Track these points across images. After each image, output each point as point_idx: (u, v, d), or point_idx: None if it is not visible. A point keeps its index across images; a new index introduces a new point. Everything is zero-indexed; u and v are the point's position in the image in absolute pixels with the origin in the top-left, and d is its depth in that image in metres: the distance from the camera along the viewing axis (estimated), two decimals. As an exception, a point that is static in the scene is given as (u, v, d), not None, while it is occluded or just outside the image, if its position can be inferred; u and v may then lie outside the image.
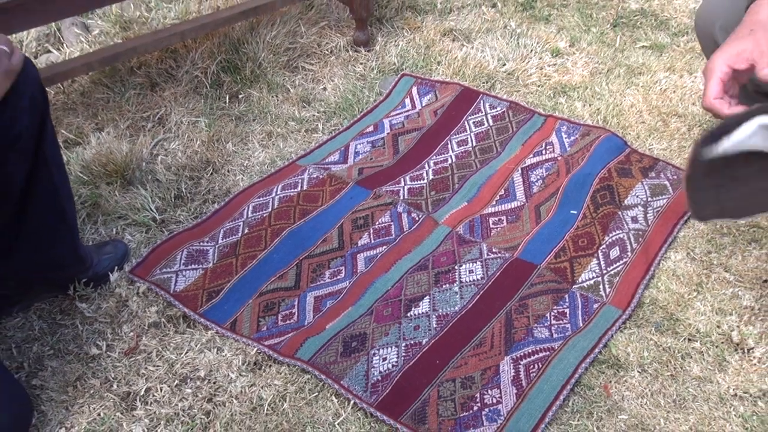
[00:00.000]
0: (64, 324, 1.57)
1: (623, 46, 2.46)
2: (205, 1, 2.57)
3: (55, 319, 1.59)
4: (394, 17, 2.59)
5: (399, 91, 2.25)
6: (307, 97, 2.25)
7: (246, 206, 1.85)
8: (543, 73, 2.33)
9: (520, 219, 1.79)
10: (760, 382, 1.42)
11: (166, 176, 1.93)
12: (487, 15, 2.63)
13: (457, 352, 1.48)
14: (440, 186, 1.91)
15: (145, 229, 1.80)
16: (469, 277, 1.64)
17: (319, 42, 2.46)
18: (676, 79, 2.27)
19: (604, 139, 1.97)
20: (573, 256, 1.67)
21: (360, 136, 2.09)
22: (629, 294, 1.58)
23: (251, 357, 1.49)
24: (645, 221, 1.74)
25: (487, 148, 2.03)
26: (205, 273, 1.67)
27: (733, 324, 1.54)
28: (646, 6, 2.66)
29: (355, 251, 1.73)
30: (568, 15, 2.63)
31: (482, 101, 2.18)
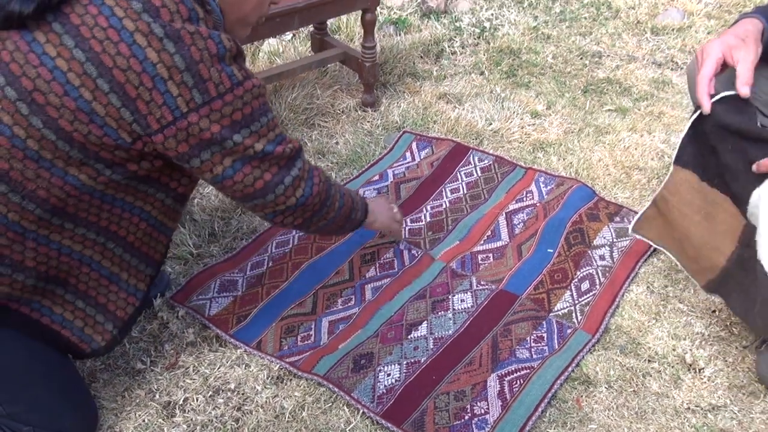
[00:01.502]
0: (113, 342, 1.59)
1: (592, 109, 2.46)
2: None
3: None
4: (397, 83, 2.61)
5: (401, 145, 2.26)
6: (323, 150, 2.25)
7: (270, 243, 1.86)
8: (524, 132, 2.33)
9: (504, 256, 1.80)
10: (710, 397, 1.44)
11: (202, 217, 1.94)
12: (476, 81, 2.63)
13: (450, 370, 1.48)
14: (436, 227, 1.92)
15: (183, 262, 1.81)
16: (461, 305, 1.65)
17: (332, 103, 2.46)
18: (638, 138, 2.28)
19: (576, 189, 1.98)
20: (549, 288, 1.68)
21: (367, 183, 2.10)
22: (598, 321, 1.59)
23: (274, 372, 1.50)
24: (611, 259, 1.76)
25: (476, 195, 2.04)
26: (235, 300, 1.68)
27: (686, 347, 1.55)
28: (611, 75, 2.67)
29: (364, 282, 1.73)
30: (545, 82, 2.63)
31: (472, 155, 2.19)
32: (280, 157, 1.23)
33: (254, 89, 1.17)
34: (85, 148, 1.09)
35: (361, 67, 2.38)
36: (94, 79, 1.04)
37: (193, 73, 1.07)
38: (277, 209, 1.28)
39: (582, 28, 3.05)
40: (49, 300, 1.22)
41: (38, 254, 1.16)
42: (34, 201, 1.11)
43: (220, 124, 1.13)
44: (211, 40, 1.09)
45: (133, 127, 1.09)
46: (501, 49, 2.84)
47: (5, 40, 1.04)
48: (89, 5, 1.03)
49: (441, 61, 2.79)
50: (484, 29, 3.00)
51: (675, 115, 2.40)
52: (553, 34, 2.99)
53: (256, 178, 1.21)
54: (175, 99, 1.07)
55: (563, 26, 3.06)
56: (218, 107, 1.11)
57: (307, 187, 1.29)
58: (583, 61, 2.79)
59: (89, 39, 1.03)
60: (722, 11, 3.15)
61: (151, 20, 1.04)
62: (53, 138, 1.07)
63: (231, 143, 1.15)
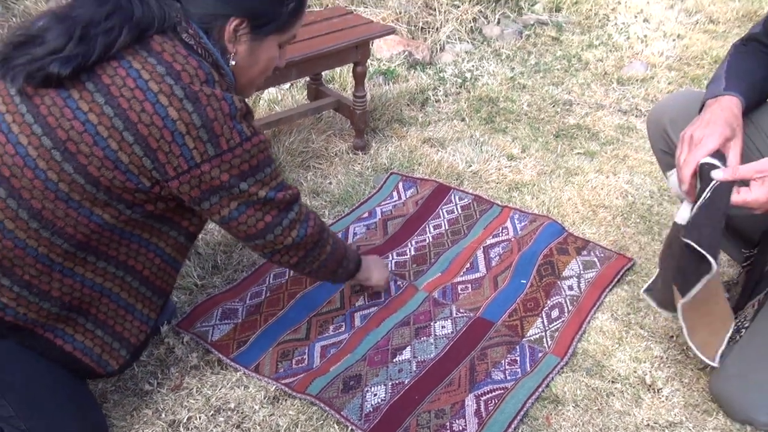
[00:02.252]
0: (123, 366, 1.60)
1: (563, 153, 2.49)
2: None
3: None
4: (385, 128, 2.64)
5: (388, 185, 2.28)
6: (317, 190, 2.27)
7: (268, 275, 1.88)
8: (500, 173, 2.36)
9: (481, 286, 1.82)
10: (667, 415, 1.47)
11: (206, 251, 1.95)
12: (457, 127, 2.67)
13: (432, 390, 1.50)
14: (420, 260, 1.94)
15: (188, 292, 1.82)
16: (442, 331, 1.67)
17: (326, 147, 2.49)
18: (604, 178, 2.32)
19: (547, 225, 2.01)
20: (522, 315, 1.71)
21: (358, 220, 2.12)
22: (566, 345, 1.61)
23: (271, 393, 1.52)
24: (578, 289, 1.79)
25: (456, 231, 2.07)
26: (235, 327, 1.69)
27: (646, 369, 1.58)
28: (581, 122, 2.72)
29: (353, 311, 1.75)
30: (520, 128, 2.67)
31: (453, 194, 2.22)
32: (280, 202, 1.29)
33: (260, 144, 1.23)
34: (109, 190, 1.15)
35: (352, 114, 2.42)
36: (121, 132, 1.10)
37: (208, 129, 1.14)
38: (275, 248, 1.34)
39: (555, 78, 3.12)
40: (71, 328, 1.26)
41: (63, 285, 1.20)
42: (62, 237, 1.16)
43: (229, 174, 1.19)
44: (225, 101, 1.15)
45: (152, 173, 1.15)
46: (481, 97, 2.90)
47: (43, 96, 1.10)
48: (118, 68, 1.10)
49: (426, 109, 2.83)
50: (466, 79, 3.06)
51: (638, 158, 2.46)
52: (529, 84, 3.05)
53: (257, 220, 1.28)
54: (191, 151, 1.14)
55: (538, 77, 3.13)
56: (228, 159, 1.18)
57: (302, 228, 1.35)
58: (555, 108, 2.84)
59: (118, 97, 1.09)
60: (682, 63, 3.25)
61: (173, 82, 1.10)
62: (82, 182, 1.12)
63: (237, 190, 1.22)
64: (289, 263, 1.40)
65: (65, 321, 1.25)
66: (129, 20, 1.12)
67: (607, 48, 3.42)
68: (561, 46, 3.46)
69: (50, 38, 1.09)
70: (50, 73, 1.07)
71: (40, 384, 1.26)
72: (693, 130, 1.34)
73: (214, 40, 1.22)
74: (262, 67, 1.32)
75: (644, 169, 2.38)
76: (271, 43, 1.30)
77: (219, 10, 1.20)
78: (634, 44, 3.44)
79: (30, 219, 1.13)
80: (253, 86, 1.38)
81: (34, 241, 1.14)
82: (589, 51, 3.39)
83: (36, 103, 1.10)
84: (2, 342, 1.21)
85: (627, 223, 2.12)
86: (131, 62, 1.11)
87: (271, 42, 1.29)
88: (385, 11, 3.36)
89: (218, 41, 1.22)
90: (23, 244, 1.14)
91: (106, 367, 1.32)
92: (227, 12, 1.20)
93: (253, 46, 1.27)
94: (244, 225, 1.28)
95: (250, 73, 1.31)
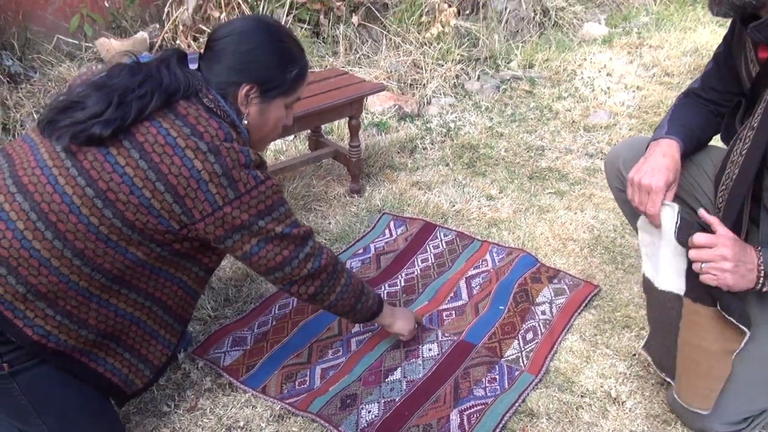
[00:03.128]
0: (144, 390, 1.61)
1: (536, 192, 2.52)
2: None
3: None
4: (378, 173, 2.67)
5: (381, 224, 2.31)
6: (317, 229, 2.29)
7: (274, 306, 1.90)
8: (481, 212, 2.39)
9: (464, 313, 1.85)
10: (631, 425, 1.50)
11: (218, 285, 1.98)
12: (442, 172, 2.70)
13: (420, 406, 1.53)
14: (409, 290, 1.97)
15: (203, 323, 1.84)
16: (429, 353, 1.70)
17: (326, 191, 2.53)
18: (572, 215, 2.35)
19: (522, 257, 2.05)
20: (501, 338, 1.73)
21: (354, 256, 2.15)
22: (540, 364, 1.63)
23: (276, 412, 1.54)
24: (551, 313, 1.82)
25: (441, 264, 2.09)
26: (244, 353, 1.71)
27: (611, 384, 1.60)
28: (552, 165, 2.75)
29: (350, 336, 1.77)
30: (498, 171, 2.70)
31: (438, 231, 2.25)
32: (295, 237, 1.33)
33: (273, 187, 1.29)
34: (143, 232, 1.21)
35: (349, 161, 2.47)
36: (154, 182, 1.17)
37: (228, 177, 1.21)
38: (294, 279, 1.37)
39: (529, 127, 3.16)
40: (104, 352, 1.31)
41: (99, 314, 1.25)
42: (101, 272, 1.22)
43: (248, 213, 1.25)
44: (242, 153, 1.23)
45: (181, 217, 1.22)
46: (463, 145, 2.94)
47: (86, 152, 1.18)
48: (150, 127, 1.18)
49: (414, 156, 2.87)
50: (450, 129, 3.11)
51: (603, 196, 2.50)
52: (506, 132, 3.09)
53: (276, 254, 1.32)
54: (214, 196, 1.21)
55: (513, 126, 3.17)
56: (246, 200, 1.24)
57: (317, 261, 1.38)
58: (529, 153, 2.88)
59: (150, 153, 1.17)
60: (641, 112, 3.31)
61: (197, 140, 1.19)
62: (119, 225, 1.19)
63: (257, 227, 1.27)
64: (307, 293, 1.41)
65: (99, 346, 1.30)
66: (159, 87, 1.20)
67: (575, 99, 3.48)
68: (534, 98, 3.51)
69: (90, 104, 1.18)
70: (92, 133, 1.15)
71: (74, 406, 1.29)
72: (641, 177, 1.40)
73: (230, 103, 1.30)
74: (271, 126, 1.39)
75: (608, 206, 2.42)
76: (278, 105, 1.37)
77: (232, 78, 1.29)
78: (598, 96, 3.50)
79: (74, 257, 1.18)
80: (266, 142, 1.45)
81: (76, 276, 1.20)
82: (558, 102, 3.44)
83: (79, 158, 1.17)
84: (43, 367, 1.25)
85: (593, 254, 2.16)
86: (161, 123, 1.19)
87: (278, 104, 1.36)
88: (377, 70, 3.43)
89: (233, 104, 1.30)
90: (66, 279, 1.19)
91: (131, 386, 1.36)
92: (240, 80, 1.29)
93: (263, 108, 1.34)
94: (264, 259, 1.32)
95: (262, 130, 1.38)
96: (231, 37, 1.29)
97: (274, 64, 1.32)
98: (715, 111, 1.53)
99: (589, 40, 4.33)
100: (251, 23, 1.33)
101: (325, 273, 1.41)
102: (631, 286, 1.99)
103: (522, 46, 4.03)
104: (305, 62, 1.38)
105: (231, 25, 1.33)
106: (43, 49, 3.02)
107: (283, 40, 1.33)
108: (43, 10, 3.00)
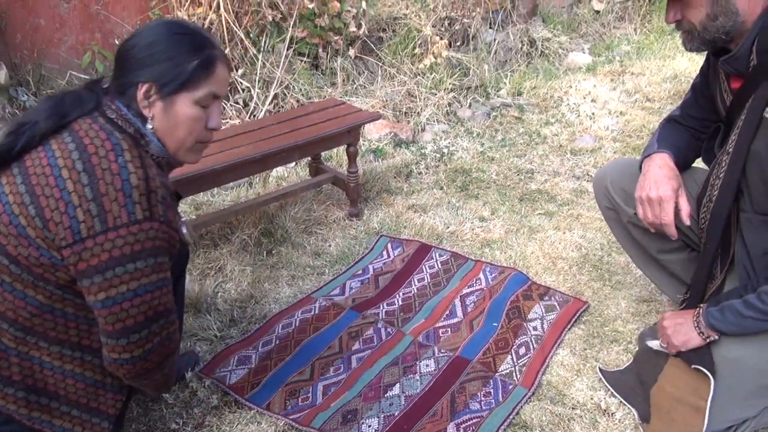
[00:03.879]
0: (153, 409, 1.60)
1: (527, 214, 2.54)
2: (250, 189, 2.70)
3: (147, 405, 1.61)
4: (376, 197, 2.69)
5: (379, 246, 2.32)
6: (318, 251, 2.31)
7: (277, 325, 1.90)
8: (474, 233, 2.41)
9: (459, 329, 1.85)
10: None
11: (224, 306, 1.99)
12: (437, 195, 2.72)
13: (418, 420, 1.53)
14: (407, 309, 1.97)
15: (209, 343, 1.84)
16: (426, 369, 1.70)
17: (326, 215, 2.54)
18: (561, 234, 2.37)
19: (514, 275, 2.06)
20: (495, 353, 1.74)
21: (353, 277, 2.16)
22: (532, 378, 1.64)
23: (280, 427, 1.54)
24: (542, 329, 1.83)
25: (437, 283, 2.10)
26: (249, 371, 1.71)
27: (602, 396, 1.61)
28: (542, 187, 2.77)
29: (350, 354, 1.78)
30: (490, 194, 2.72)
31: (434, 252, 2.26)
32: (149, 303, 1.10)
33: (150, 231, 1.07)
34: (30, 270, 1.07)
35: (347, 186, 2.49)
36: (27, 207, 1.05)
37: (98, 204, 1.03)
38: (122, 356, 1.11)
39: (518, 151, 3.19)
40: (48, 414, 1.15)
41: (23, 368, 1.12)
42: (6, 321, 1.09)
43: (110, 254, 1.04)
44: (119, 176, 1.04)
45: (56, 243, 1.05)
46: (456, 169, 2.97)
47: None
48: (41, 151, 1.09)
49: (410, 180, 2.89)
50: (443, 154, 3.13)
51: (590, 216, 2.52)
52: (497, 157, 3.12)
53: (119, 319, 1.08)
54: (80, 224, 1.04)
55: (504, 150, 3.20)
56: (112, 237, 1.04)
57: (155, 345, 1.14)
58: (519, 176, 2.91)
59: (31, 176, 1.06)
60: (624, 136, 3.35)
61: (77, 156, 1.05)
62: (6, 262, 1.07)
63: (111, 273, 1.05)
64: (127, 372, 1.14)
65: (39, 408, 1.15)
66: (53, 111, 1.10)
67: (562, 124, 3.51)
68: (523, 124, 3.55)
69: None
70: None
71: None
72: (647, 192, 1.42)
73: (133, 109, 1.15)
74: (186, 128, 1.18)
75: (595, 225, 2.44)
76: (185, 101, 1.16)
77: (130, 79, 1.14)
78: (584, 121, 3.54)
79: None
80: (186, 150, 1.21)
81: None
82: (546, 127, 3.48)
83: None
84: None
85: (582, 271, 2.17)
86: (51, 145, 1.08)
87: (183, 100, 1.16)
88: (373, 100, 3.47)
89: (136, 108, 1.15)
90: None
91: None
92: (136, 79, 1.14)
93: (166, 107, 1.15)
94: (112, 317, 1.08)
95: (175, 135, 1.18)
96: (130, 40, 1.16)
97: (169, 56, 1.13)
98: (696, 135, 1.57)
99: (574, 68, 4.39)
100: (153, 23, 1.18)
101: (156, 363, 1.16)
102: (618, 302, 2.00)
103: (511, 75, 4.09)
104: (212, 53, 1.18)
105: (136, 31, 1.18)
106: (57, 85, 3.07)
107: (180, 32, 1.16)
108: (57, 47, 3.05)
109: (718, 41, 1.27)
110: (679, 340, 1.36)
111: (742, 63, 1.26)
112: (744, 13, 1.23)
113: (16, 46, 2.95)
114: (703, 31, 1.27)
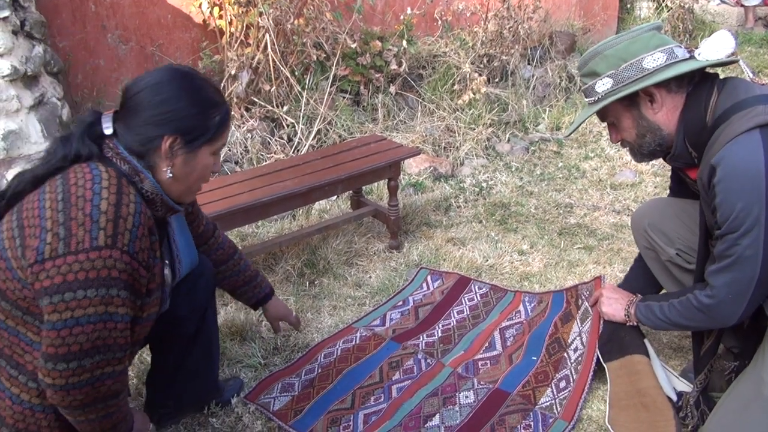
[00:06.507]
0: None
1: (566, 248, 2.55)
2: (293, 221, 2.78)
3: (194, 429, 1.65)
4: (415, 230, 2.73)
5: (419, 278, 2.35)
6: (359, 283, 2.35)
7: (320, 354, 1.94)
8: (513, 266, 2.42)
9: (498, 362, 1.86)
10: None
11: (268, 335, 2.03)
12: (475, 228, 2.75)
13: None
14: (446, 341, 1.99)
15: (253, 369, 1.89)
16: (466, 400, 1.71)
17: (366, 247, 2.59)
18: (601, 269, 2.36)
19: (554, 297, 2.07)
20: (535, 386, 1.74)
21: (393, 308, 2.19)
22: (572, 411, 1.63)
23: None
24: (582, 345, 1.78)
25: (476, 315, 2.12)
26: (293, 398, 1.75)
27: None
28: (581, 221, 2.78)
29: (391, 384, 1.80)
30: (529, 227, 2.74)
31: (473, 285, 2.28)
32: (89, 335, 1.06)
33: (108, 260, 1.05)
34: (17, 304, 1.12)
35: (388, 219, 2.55)
36: (15, 239, 1.11)
37: (66, 227, 1.05)
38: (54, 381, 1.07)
39: (557, 185, 3.21)
40: None
41: None
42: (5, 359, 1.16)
43: (64, 278, 1.04)
44: (90, 203, 1.07)
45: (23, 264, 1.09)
46: (495, 203, 3.00)
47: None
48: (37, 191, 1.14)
49: (449, 214, 2.93)
50: (482, 188, 3.18)
51: (630, 250, 2.50)
52: (535, 191, 3.15)
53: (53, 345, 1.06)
54: (45, 246, 1.05)
55: (543, 184, 3.23)
56: (71, 261, 1.04)
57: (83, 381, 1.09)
58: (558, 210, 2.92)
59: (24, 210, 1.12)
60: (665, 170, 3.31)
61: (59, 189, 1.10)
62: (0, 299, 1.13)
63: (60, 298, 1.04)
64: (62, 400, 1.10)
65: None
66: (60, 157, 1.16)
67: (601, 159, 3.52)
68: (562, 158, 3.57)
69: None
70: None
71: None
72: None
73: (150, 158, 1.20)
74: (198, 175, 1.27)
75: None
76: (205, 153, 1.25)
77: (152, 132, 1.18)
78: (624, 155, 3.52)
79: None
80: (191, 192, 1.31)
81: None
82: (585, 162, 3.49)
83: None
84: None
85: (623, 306, 2.16)
86: (45, 186, 1.14)
87: (204, 152, 1.24)
88: (413, 135, 3.56)
89: (154, 159, 1.20)
90: None
91: None
92: (160, 132, 1.18)
93: (188, 158, 1.22)
94: (58, 340, 1.05)
95: (188, 180, 1.26)
96: (145, 90, 1.19)
97: (194, 113, 1.20)
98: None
99: (614, 103, 4.38)
100: (164, 73, 1.21)
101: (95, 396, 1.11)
102: (659, 337, 1.98)
103: (549, 110, 4.13)
104: (227, 107, 1.26)
105: (144, 78, 1.21)
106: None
107: (200, 86, 1.22)
108: (114, 87, 3.25)
109: (657, 153, 1.48)
110: (608, 310, 1.73)
111: (686, 158, 1.44)
112: (665, 125, 1.43)
113: (78, 85, 3.16)
114: (639, 147, 1.49)
